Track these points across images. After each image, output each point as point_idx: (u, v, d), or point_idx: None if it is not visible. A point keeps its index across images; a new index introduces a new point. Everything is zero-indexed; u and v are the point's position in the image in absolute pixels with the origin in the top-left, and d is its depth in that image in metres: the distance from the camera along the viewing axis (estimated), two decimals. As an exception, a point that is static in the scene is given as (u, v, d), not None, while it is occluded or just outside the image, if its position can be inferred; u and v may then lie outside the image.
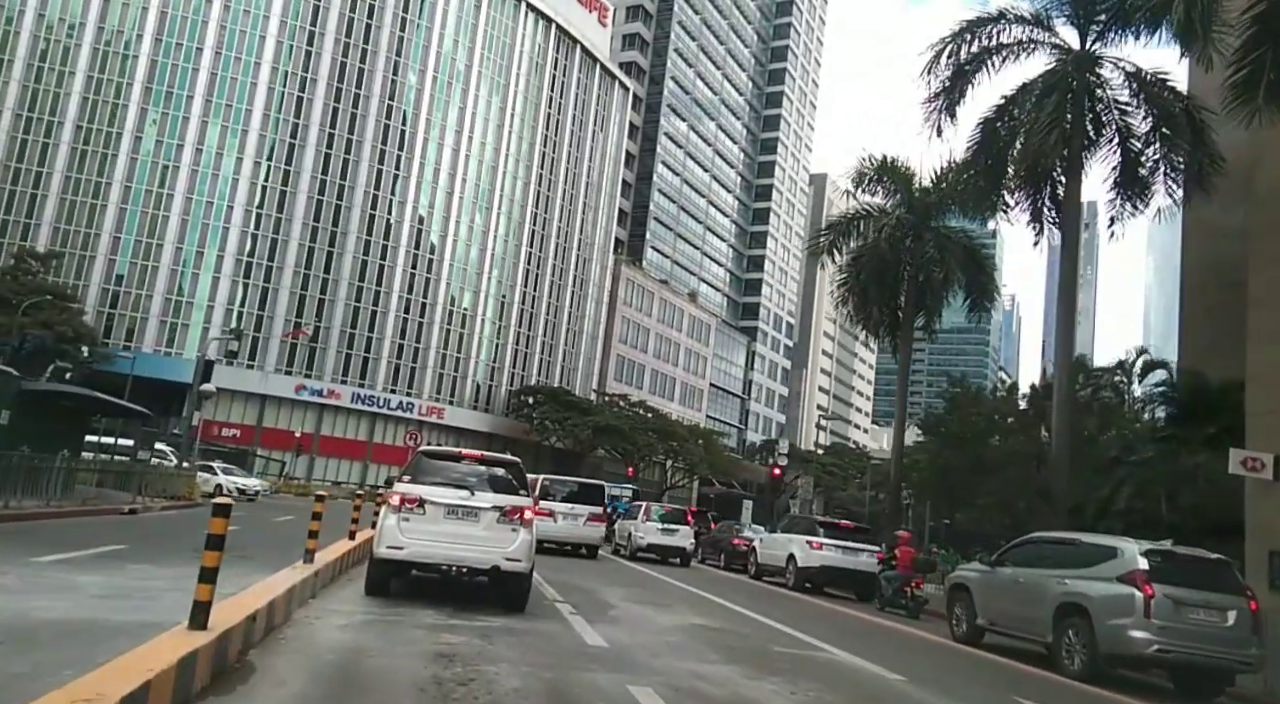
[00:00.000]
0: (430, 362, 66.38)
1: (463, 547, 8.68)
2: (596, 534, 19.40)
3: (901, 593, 14.72)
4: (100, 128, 58.68)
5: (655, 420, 69.79)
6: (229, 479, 28.59)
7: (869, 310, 20.14)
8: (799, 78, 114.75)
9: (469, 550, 8.68)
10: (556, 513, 18.95)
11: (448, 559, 8.76)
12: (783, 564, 17.24)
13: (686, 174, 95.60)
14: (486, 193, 69.71)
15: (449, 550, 8.69)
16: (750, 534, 22.15)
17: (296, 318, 61.07)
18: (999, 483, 22.62)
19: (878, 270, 18.90)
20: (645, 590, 14.11)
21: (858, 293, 20.02)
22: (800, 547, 16.66)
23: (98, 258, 57.88)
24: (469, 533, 8.72)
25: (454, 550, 8.69)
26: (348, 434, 63.37)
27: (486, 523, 8.78)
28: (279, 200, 61.11)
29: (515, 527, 8.83)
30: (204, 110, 59.94)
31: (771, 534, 18.61)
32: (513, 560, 8.72)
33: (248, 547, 12.20)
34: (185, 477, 24.72)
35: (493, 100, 70.38)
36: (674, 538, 22.10)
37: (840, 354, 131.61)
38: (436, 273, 66.78)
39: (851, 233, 20.12)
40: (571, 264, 77.48)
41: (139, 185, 58.73)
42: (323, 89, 62.50)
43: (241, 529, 13.85)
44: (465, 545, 8.68)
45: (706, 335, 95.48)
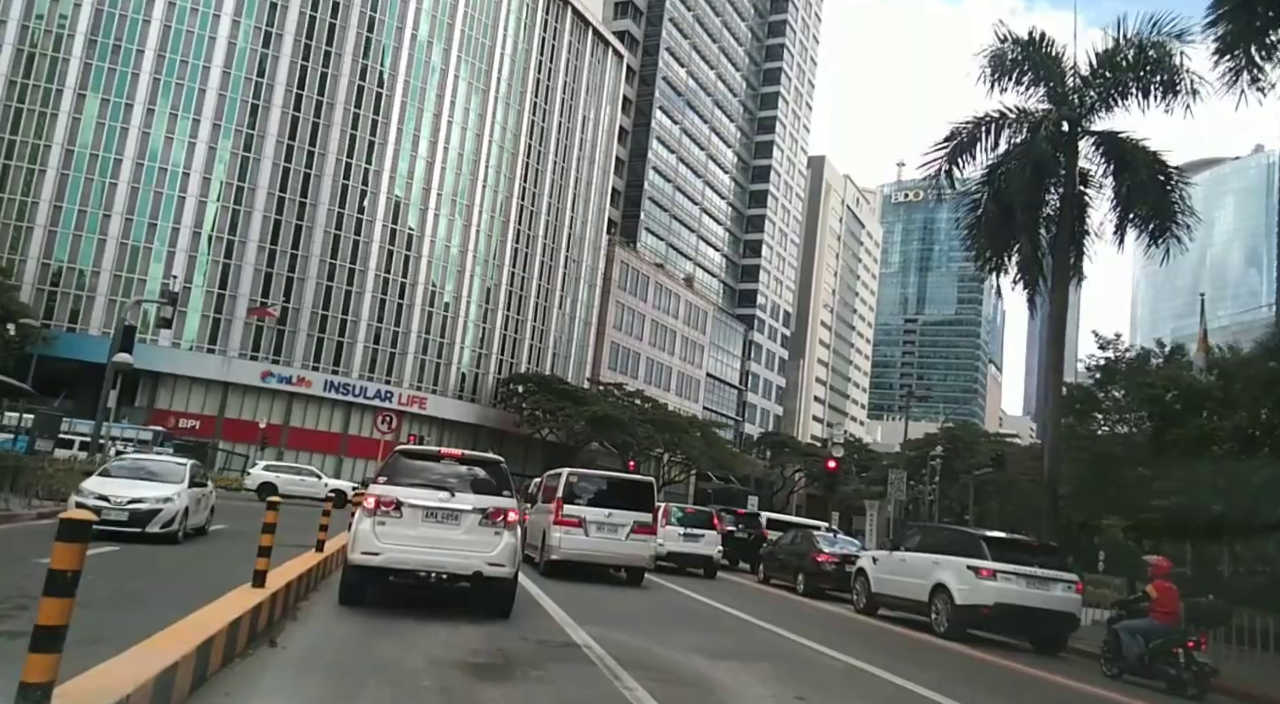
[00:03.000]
0: (411, 347, 60.72)
1: (442, 551, 8.30)
2: (644, 552, 14.07)
3: (1169, 657, 9.52)
4: (37, 84, 52.42)
5: (654, 411, 64.91)
6: (111, 488, 12.61)
7: (1008, 245, 14.92)
8: (796, 55, 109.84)
9: (449, 555, 8.30)
10: (587, 522, 13.70)
11: (426, 565, 8.33)
12: (921, 598, 11.97)
13: (682, 151, 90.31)
14: (471, 163, 63.98)
15: (428, 556, 8.28)
16: (843, 548, 16.94)
17: (262, 298, 55.28)
18: (1188, 474, 17.05)
19: (1029, 185, 13.66)
20: (719, 635, 9.85)
21: (990, 223, 14.78)
22: (957, 574, 11.38)
23: (35, 229, 51.71)
24: (449, 537, 8.35)
25: (433, 556, 8.29)
26: (320, 425, 57.61)
27: (468, 526, 8.41)
28: (241, 167, 55.16)
29: (498, 530, 8.46)
30: (155, 67, 53.80)
31: (894, 553, 13.35)
32: (496, 565, 8.36)
33: (177, 568, 9.97)
34: (91, 472, 19.15)
35: (477, 63, 64.64)
36: (698, 545, 18.07)
37: (837, 344, 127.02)
38: (417, 250, 61.05)
39: (978, 144, 14.96)
40: (563, 244, 71.98)
41: (82, 149, 52.57)
42: (289, 45, 56.54)
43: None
44: (445, 550, 8.30)
45: (703, 323, 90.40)
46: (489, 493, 8.70)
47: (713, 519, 19.56)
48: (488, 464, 9.19)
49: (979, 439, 74.76)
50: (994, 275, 15.82)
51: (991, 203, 14.70)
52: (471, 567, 8.24)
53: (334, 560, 10.73)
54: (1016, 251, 15.18)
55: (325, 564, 10.27)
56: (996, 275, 15.79)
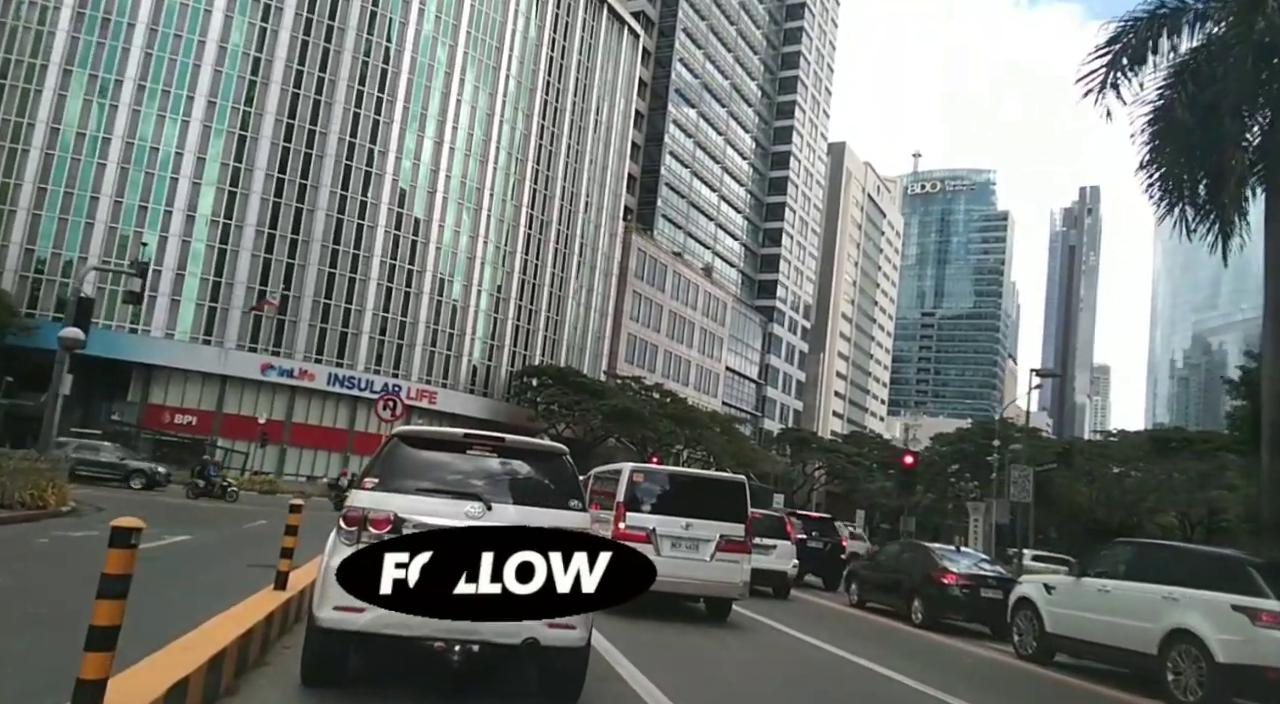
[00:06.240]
0: (419, 338, 57.35)
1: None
2: (734, 577, 10.42)
3: None
4: (22, 59, 49.20)
5: (673, 406, 61.57)
6: None
7: (1198, 165, 11.30)
8: (815, 38, 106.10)
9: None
10: (659, 536, 10.21)
11: (444, 630, 4.69)
12: (1142, 648, 8.21)
13: (700, 136, 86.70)
14: (481, 143, 60.50)
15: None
16: (974, 567, 13.41)
17: (261, 286, 52.04)
18: None
19: (1249, 75, 10.00)
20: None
21: (1177, 135, 11.17)
22: (1216, 618, 7.70)
23: (19, 212, 48.50)
24: None
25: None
26: (323, 421, 54.32)
27: None
28: (238, 148, 51.84)
29: None
30: (147, 41, 50.50)
31: (1084, 580, 9.73)
32: (560, 627, 4.86)
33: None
34: (42, 472, 15.89)
35: (488, 39, 61.15)
36: (769, 558, 14.52)
37: (857, 337, 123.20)
38: (425, 235, 57.65)
39: (1159, 38, 11.38)
40: (578, 230, 68.48)
41: (68, 128, 49.33)
42: (289, 19, 53.18)
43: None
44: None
45: (722, 314, 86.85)
46: (545, 505, 5.37)
47: (785, 526, 16.12)
48: (543, 457, 5.83)
49: (1014, 434, 71.30)
50: (1176, 209, 12.21)
51: (1184, 109, 11.16)
52: (521, 630, 4.87)
53: (304, 605, 7.11)
54: (1205, 176, 11.66)
55: (287, 612, 6.79)
56: (1180, 206, 12.18)
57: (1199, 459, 44.85)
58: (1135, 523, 51.93)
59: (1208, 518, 45.87)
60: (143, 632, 4.47)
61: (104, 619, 2.95)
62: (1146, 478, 49.41)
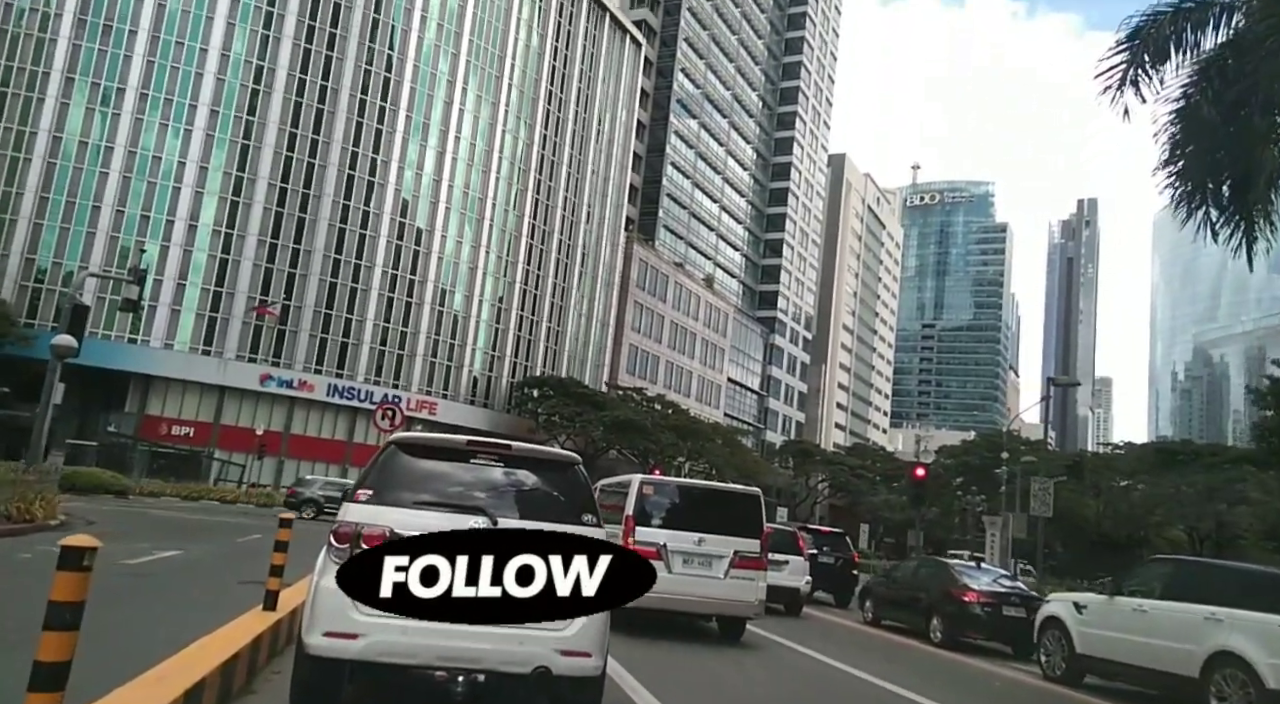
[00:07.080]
0: (420, 349, 56.96)
1: (476, 632, 4.11)
2: (748, 595, 9.97)
3: None
4: (23, 67, 49.04)
5: (675, 417, 61.15)
6: None
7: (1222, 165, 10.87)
8: (816, 49, 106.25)
9: (488, 640, 4.29)
10: (669, 552, 9.76)
11: (446, 657, 4.33)
12: (1183, 671, 7.82)
13: (701, 147, 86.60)
14: (484, 153, 60.31)
15: (448, 640, 4.24)
16: (996, 584, 12.95)
17: (261, 295, 51.71)
18: None
19: (1272, 75, 9.53)
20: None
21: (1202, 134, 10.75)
22: (1265, 640, 7.29)
23: (20, 221, 48.22)
24: None
25: (458, 640, 4.24)
26: (322, 433, 53.85)
27: None
28: (240, 157, 51.63)
29: None
30: (149, 48, 50.37)
31: (1117, 598, 9.22)
32: (574, 654, 4.51)
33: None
34: (30, 484, 15.43)
35: (490, 48, 61.07)
36: (781, 575, 13.93)
37: (859, 348, 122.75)
38: (427, 245, 57.36)
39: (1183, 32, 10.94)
40: (579, 240, 68.21)
41: (70, 136, 49.12)
42: (292, 26, 53.08)
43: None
44: (481, 629, 4.03)
45: (724, 325, 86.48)
46: (556, 520, 4.87)
47: (797, 541, 15.66)
48: (554, 467, 5.34)
49: (1020, 446, 70.77)
50: (1199, 210, 11.80)
51: (1209, 105, 10.78)
52: (531, 658, 4.47)
53: (294, 627, 6.66)
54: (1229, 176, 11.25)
55: (276, 635, 6.36)
56: (1204, 207, 11.78)
57: (1207, 472, 44.33)
58: (1142, 537, 51.38)
59: (1216, 532, 45.33)
60: (130, 650, 4.06)
61: (51, 654, 2.51)
62: (1154, 491, 48.80)
